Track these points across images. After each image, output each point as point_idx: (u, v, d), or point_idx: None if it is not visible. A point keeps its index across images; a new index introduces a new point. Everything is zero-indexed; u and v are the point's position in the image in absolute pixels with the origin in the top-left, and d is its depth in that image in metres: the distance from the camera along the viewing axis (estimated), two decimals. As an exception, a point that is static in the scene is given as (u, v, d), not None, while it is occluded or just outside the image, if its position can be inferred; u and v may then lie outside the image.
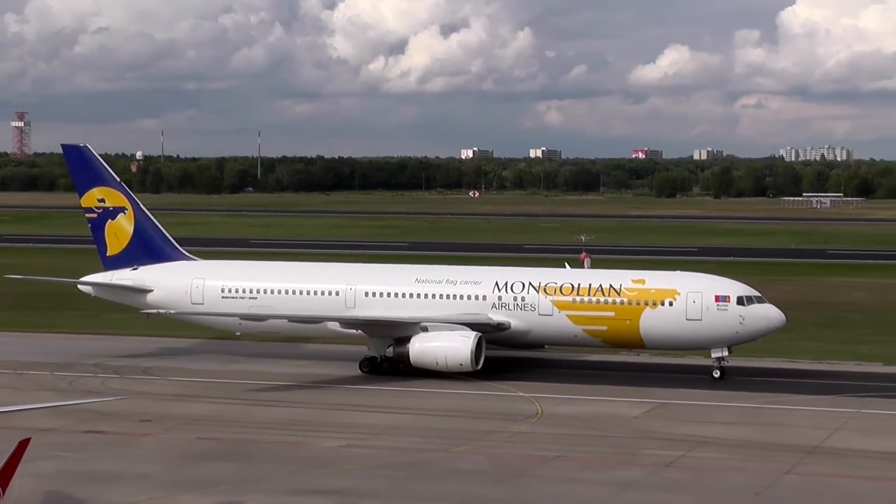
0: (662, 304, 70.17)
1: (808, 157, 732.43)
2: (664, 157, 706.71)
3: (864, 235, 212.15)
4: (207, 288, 76.52)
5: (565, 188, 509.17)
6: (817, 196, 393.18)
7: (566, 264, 79.74)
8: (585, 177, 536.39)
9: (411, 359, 70.00)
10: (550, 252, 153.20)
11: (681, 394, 67.13)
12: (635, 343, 72.26)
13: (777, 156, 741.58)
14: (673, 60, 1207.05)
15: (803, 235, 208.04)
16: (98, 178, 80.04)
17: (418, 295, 73.63)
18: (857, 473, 50.30)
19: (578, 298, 71.42)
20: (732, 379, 71.28)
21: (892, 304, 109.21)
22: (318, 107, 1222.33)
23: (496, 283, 72.94)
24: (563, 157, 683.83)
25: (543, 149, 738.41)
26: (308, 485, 47.66)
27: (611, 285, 71.34)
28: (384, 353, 71.93)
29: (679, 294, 70.12)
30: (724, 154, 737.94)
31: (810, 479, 49.46)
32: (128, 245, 79.44)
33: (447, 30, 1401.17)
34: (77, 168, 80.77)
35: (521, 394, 66.73)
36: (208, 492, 46.16)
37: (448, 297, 73.19)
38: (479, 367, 69.09)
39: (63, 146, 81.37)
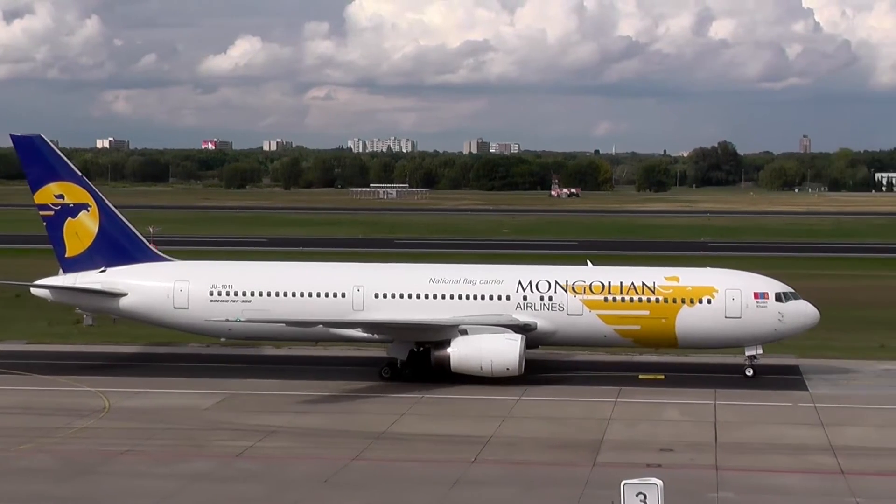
0: (700, 301, 68.03)
1: (375, 149, 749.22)
2: (234, 147, 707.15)
3: (429, 225, 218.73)
4: (193, 291, 70.45)
5: (133, 179, 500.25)
6: (384, 187, 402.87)
7: (588, 262, 75.22)
8: (154, 168, 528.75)
9: (452, 364, 66.29)
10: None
11: (251, 384, 67.27)
12: (668, 342, 69.76)
13: (345, 147, 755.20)
14: (244, 51, 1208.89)
15: (370, 225, 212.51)
16: (54, 172, 72.26)
17: (434, 296, 69.43)
18: (421, 457, 51.84)
19: (611, 297, 68.54)
20: (304, 368, 72.12)
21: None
22: None
23: (519, 282, 69.33)
24: (132, 147, 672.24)
25: (111, 139, 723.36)
26: None
27: (643, 283, 68.74)
28: (404, 358, 68.07)
29: (717, 291, 68.09)
30: (294, 145, 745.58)
31: (376, 463, 50.56)
32: (91, 245, 72.12)
33: (10, 16, 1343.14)
34: (29, 161, 72.44)
35: (88, 388, 65.10)
36: None
37: (468, 297, 69.14)
38: (522, 371, 66.14)
39: (13, 137, 72.61)
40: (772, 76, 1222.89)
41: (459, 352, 66.14)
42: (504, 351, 65.68)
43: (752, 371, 69.22)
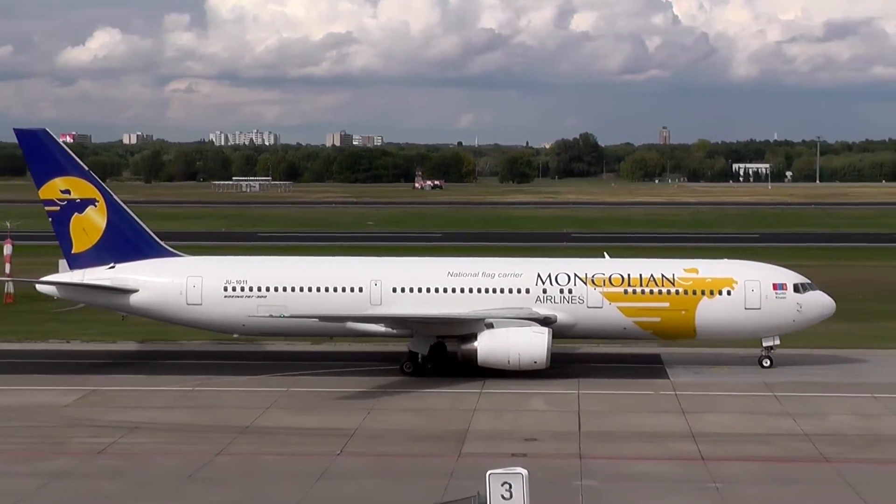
0: (720, 293, 68.09)
1: (237, 142, 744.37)
2: (93, 140, 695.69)
3: (293, 218, 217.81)
4: (206, 287, 69.03)
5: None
6: (247, 180, 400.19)
7: (605, 254, 75.16)
8: (11, 161, 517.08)
9: (479, 357, 65.47)
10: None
11: (115, 380, 66.33)
12: (687, 334, 69.54)
13: (207, 140, 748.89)
14: (103, 43, 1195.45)
15: (233, 219, 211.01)
16: (59, 167, 70.35)
17: (453, 289, 68.67)
18: (286, 450, 51.66)
19: (630, 289, 68.29)
20: (167, 363, 71.52)
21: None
22: None
23: (538, 275, 68.75)
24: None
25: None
26: None
27: (663, 275, 68.60)
28: (426, 353, 67.53)
29: (737, 283, 68.21)
30: (155, 138, 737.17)
31: (242, 458, 50.21)
32: (99, 241, 70.26)
33: None
34: (34, 156, 70.39)
35: (-56, 387, 63.77)
36: None
37: (487, 290, 68.49)
38: (549, 364, 65.62)
39: (16, 131, 70.47)
40: (632, 68, 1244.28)
41: (487, 345, 65.72)
42: (532, 344, 65.42)
43: (769, 362, 69.74)
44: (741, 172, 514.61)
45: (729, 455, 51.08)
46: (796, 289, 68.76)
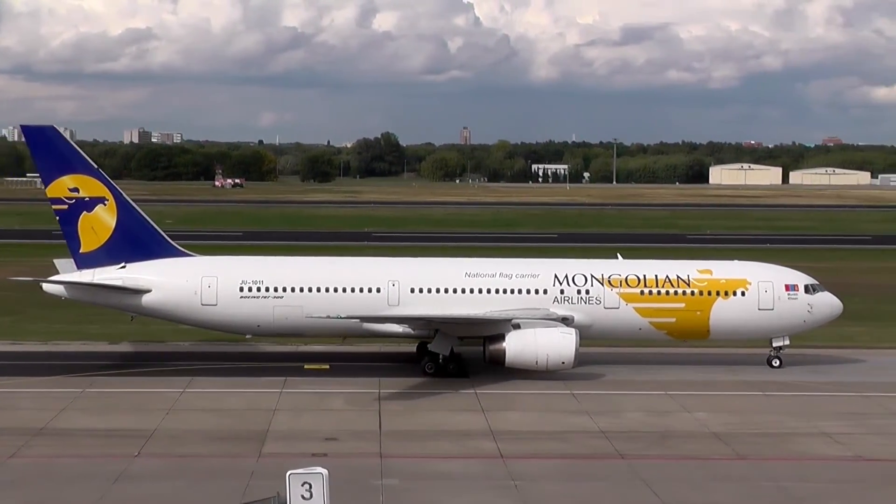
0: (734, 294, 69.03)
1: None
2: None
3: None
4: (222, 287, 67.50)
5: None
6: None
7: (618, 255, 74.72)
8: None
9: (507, 358, 65.32)
10: None
11: None
12: (701, 335, 70.32)
13: (1, 136, 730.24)
14: None
15: (29, 216, 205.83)
16: (68, 165, 67.90)
17: (471, 290, 68.60)
18: (82, 452, 50.73)
19: (647, 290, 68.81)
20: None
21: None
22: None
23: (555, 276, 68.85)
24: None
25: None
26: None
27: (678, 276, 69.38)
28: (447, 353, 67.24)
29: (750, 284, 69.25)
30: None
31: (35, 461, 49.23)
32: (108, 240, 68.46)
33: None
34: (41, 153, 67.72)
35: None
36: None
37: (505, 291, 68.60)
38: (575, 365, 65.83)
39: (23, 128, 67.46)
40: (434, 69, 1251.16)
41: (515, 346, 65.64)
42: (561, 345, 65.53)
43: (778, 362, 71.12)
44: (540, 173, 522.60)
45: (527, 453, 51.87)
46: (807, 290, 70.38)
